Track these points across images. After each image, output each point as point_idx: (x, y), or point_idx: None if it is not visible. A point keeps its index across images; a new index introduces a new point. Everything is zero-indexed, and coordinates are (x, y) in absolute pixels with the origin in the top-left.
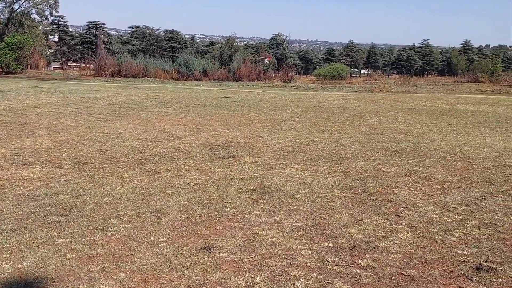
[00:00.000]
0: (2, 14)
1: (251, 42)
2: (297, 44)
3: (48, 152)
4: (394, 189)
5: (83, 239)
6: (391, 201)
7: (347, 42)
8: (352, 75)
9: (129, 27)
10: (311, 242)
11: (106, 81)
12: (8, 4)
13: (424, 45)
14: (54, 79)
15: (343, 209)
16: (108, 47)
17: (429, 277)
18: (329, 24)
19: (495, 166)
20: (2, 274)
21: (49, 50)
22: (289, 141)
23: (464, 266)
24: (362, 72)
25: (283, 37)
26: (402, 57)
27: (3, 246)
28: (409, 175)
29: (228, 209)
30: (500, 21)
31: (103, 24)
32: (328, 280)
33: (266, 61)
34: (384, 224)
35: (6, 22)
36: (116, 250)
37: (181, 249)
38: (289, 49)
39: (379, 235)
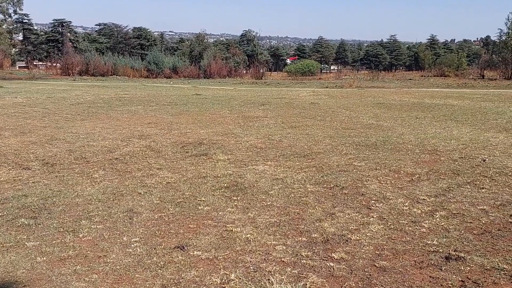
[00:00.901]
0: None
1: (221, 38)
2: (268, 40)
3: (15, 154)
4: (365, 183)
5: (54, 242)
6: (363, 194)
7: (317, 38)
8: (323, 71)
9: (96, 25)
10: (285, 237)
11: (74, 80)
12: None
13: (391, 40)
14: (20, 78)
15: (316, 203)
16: (75, 45)
17: (400, 268)
18: (299, 21)
19: (462, 158)
20: None
21: (14, 49)
22: (261, 137)
23: (434, 256)
24: (332, 68)
25: (254, 34)
26: (370, 53)
27: None
28: (379, 168)
29: (202, 207)
30: (464, 16)
31: (69, 21)
32: (303, 274)
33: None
34: (356, 217)
35: None
36: (88, 252)
37: (154, 249)
38: (260, 45)
39: (351, 228)
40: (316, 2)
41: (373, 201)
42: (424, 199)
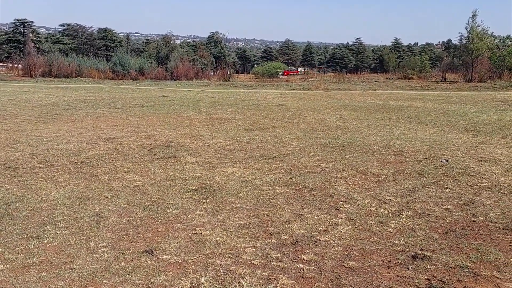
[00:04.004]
0: None
1: (188, 40)
2: (235, 42)
3: None
4: (333, 184)
5: (17, 248)
6: (331, 195)
7: (284, 40)
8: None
9: (60, 25)
10: (255, 239)
11: (36, 82)
12: None
13: (357, 43)
14: None
15: (285, 205)
16: (37, 46)
17: (369, 268)
18: (266, 23)
19: (426, 158)
20: None
21: None
22: (229, 139)
23: (400, 256)
24: (298, 70)
25: (221, 36)
26: (336, 55)
27: None
28: (347, 169)
29: (170, 210)
30: (427, 20)
31: (31, 22)
32: (273, 276)
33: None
34: (325, 219)
35: None
36: (54, 258)
37: (122, 254)
38: (227, 47)
39: (320, 229)
40: (283, 5)
41: (341, 202)
42: (390, 199)
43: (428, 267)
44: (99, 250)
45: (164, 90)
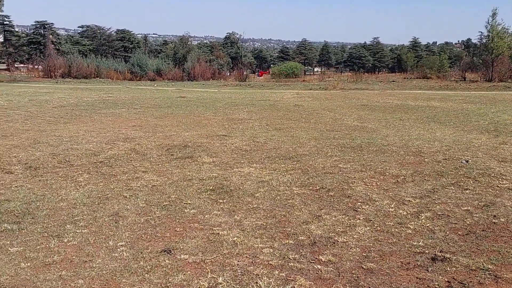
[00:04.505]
0: None
1: (205, 41)
2: (251, 43)
3: None
4: (351, 185)
5: (38, 247)
6: (349, 196)
7: (301, 40)
8: (306, 73)
9: (79, 27)
10: (272, 240)
11: (56, 83)
12: None
13: (375, 42)
14: (1, 81)
15: (302, 206)
16: (57, 47)
17: (387, 269)
18: (283, 23)
19: (446, 159)
20: None
21: None
22: (246, 140)
23: (420, 257)
24: (315, 70)
25: (237, 36)
26: (354, 55)
27: None
28: (365, 170)
29: (188, 210)
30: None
31: (51, 23)
32: (290, 277)
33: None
34: (343, 220)
35: None
36: (74, 257)
37: (141, 253)
38: (244, 48)
39: (338, 230)
40: (299, 5)
41: (359, 203)
42: (409, 200)
43: (448, 269)
44: (118, 249)
45: (181, 91)
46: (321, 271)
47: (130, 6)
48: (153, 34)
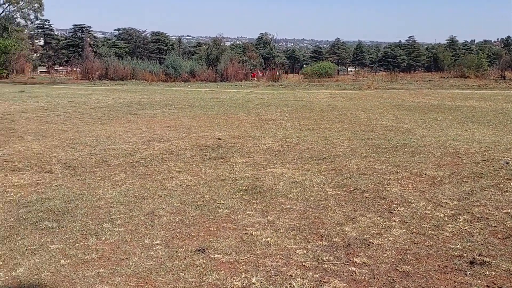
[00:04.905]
0: None
1: (237, 42)
2: (284, 43)
3: (38, 157)
4: (386, 186)
5: (77, 244)
6: (384, 198)
7: (334, 40)
8: (340, 72)
9: (115, 30)
10: (306, 241)
11: (94, 84)
12: None
13: (410, 41)
14: (41, 83)
15: (336, 207)
16: (94, 50)
17: (424, 272)
18: (316, 23)
19: (485, 160)
20: None
21: (35, 54)
22: (279, 140)
23: (458, 261)
24: (349, 69)
25: (270, 36)
26: (388, 54)
27: None
28: (400, 171)
29: (221, 210)
30: (484, 17)
31: (89, 27)
32: (324, 279)
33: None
34: (378, 221)
35: None
36: (111, 255)
37: (176, 251)
38: (276, 48)
39: (373, 232)
40: (333, 4)
41: (394, 205)
42: (446, 202)
43: (487, 273)
44: (154, 248)
45: (214, 92)
46: (355, 273)
47: (165, 9)
48: (187, 36)
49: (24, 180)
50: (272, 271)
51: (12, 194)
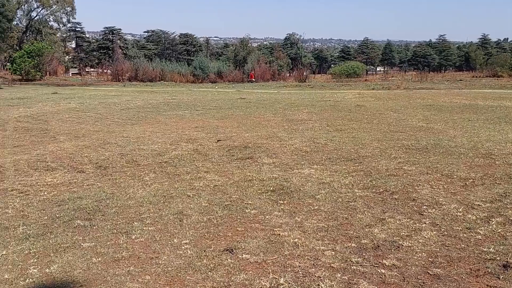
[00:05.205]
0: (20, 22)
1: (265, 42)
2: (312, 43)
3: (70, 157)
4: (416, 188)
5: (108, 243)
6: (414, 199)
7: (362, 39)
8: (368, 72)
9: (144, 32)
10: (334, 242)
11: (124, 86)
12: (26, 12)
13: (440, 40)
14: (73, 85)
15: (365, 208)
16: (124, 52)
17: (455, 276)
18: (344, 22)
19: None
20: (30, 279)
21: (67, 57)
22: (306, 141)
23: (490, 264)
24: (378, 69)
25: (297, 37)
26: (418, 53)
27: (30, 251)
28: (431, 172)
29: (249, 210)
30: None
31: (119, 29)
32: (353, 281)
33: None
34: (408, 223)
35: (24, 30)
36: (141, 253)
37: (204, 251)
38: (303, 48)
39: (402, 234)
40: (361, 3)
41: (425, 207)
42: (479, 204)
43: None
44: (182, 247)
45: (241, 92)
46: (385, 276)
47: (193, 11)
48: (215, 37)
49: (57, 180)
50: (300, 272)
51: (45, 193)
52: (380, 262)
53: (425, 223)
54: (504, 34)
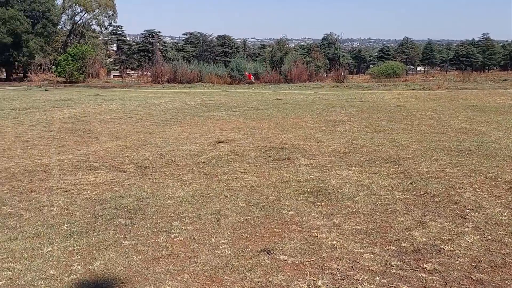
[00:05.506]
0: (64, 26)
1: (302, 43)
2: (350, 43)
3: (112, 157)
4: (458, 190)
5: (148, 241)
6: (456, 202)
7: (402, 39)
8: (408, 72)
9: (183, 34)
10: (373, 245)
11: (163, 88)
12: (70, 16)
13: (484, 39)
14: (114, 87)
15: (405, 211)
16: (163, 54)
17: (499, 281)
18: (383, 22)
19: None
20: (74, 275)
21: (109, 59)
22: (344, 142)
23: None
24: (418, 69)
25: (335, 37)
26: (460, 53)
27: (74, 248)
28: (474, 175)
29: (286, 211)
30: None
31: (158, 32)
32: (393, 284)
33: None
34: (450, 227)
35: (68, 33)
36: (180, 252)
37: (241, 251)
38: (341, 48)
39: (444, 238)
40: (401, 2)
41: (467, 210)
42: None
43: None
44: (220, 247)
45: (277, 93)
46: (425, 280)
47: (231, 13)
48: (252, 38)
49: (99, 179)
50: (338, 275)
51: (88, 191)
52: (420, 266)
53: (468, 227)
54: None
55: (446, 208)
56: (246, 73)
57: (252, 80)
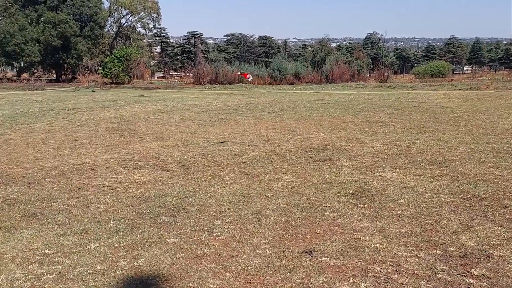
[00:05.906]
0: (111, 28)
1: (344, 42)
2: (393, 42)
3: (156, 157)
4: (508, 194)
5: (191, 239)
6: (506, 206)
7: (448, 37)
8: (454, 72)
9: (225, 35)
10: (418, 249)
11: (205, 88)
12: (116, 19)
13: None
14: (158, 88)
15: (451, 215)
16: (205, 55)
17: None
18: (428, 20)
19: None
20: (120, 271)
21: (153, 61)
22: (388, 143)
23: None
24: (465, 68)
25: (378, 36)
26: (510, 51)
27: (120, 245)
28: None
29: (328, 213)
30: None
31: (201, 33)
32: None
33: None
34: (499, 232)
35: (114, 36)
36: (222, 251)
37: (283, 252)
38: (385, 47)
39: (493, 243)
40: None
41: None
42: None
43: None
44: (262, 247)
45: (319, 94)
46: (473, 286)
47: (272, 13)
48: (293, 38)
49: (144, 178)
50: (382, 278)
51: (133, 190)
52: (468, 272)
53: None
54: None
55: (495, 212)
56: (239, 72)
57: (249, 79)
